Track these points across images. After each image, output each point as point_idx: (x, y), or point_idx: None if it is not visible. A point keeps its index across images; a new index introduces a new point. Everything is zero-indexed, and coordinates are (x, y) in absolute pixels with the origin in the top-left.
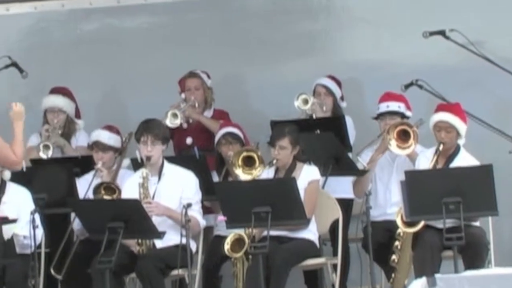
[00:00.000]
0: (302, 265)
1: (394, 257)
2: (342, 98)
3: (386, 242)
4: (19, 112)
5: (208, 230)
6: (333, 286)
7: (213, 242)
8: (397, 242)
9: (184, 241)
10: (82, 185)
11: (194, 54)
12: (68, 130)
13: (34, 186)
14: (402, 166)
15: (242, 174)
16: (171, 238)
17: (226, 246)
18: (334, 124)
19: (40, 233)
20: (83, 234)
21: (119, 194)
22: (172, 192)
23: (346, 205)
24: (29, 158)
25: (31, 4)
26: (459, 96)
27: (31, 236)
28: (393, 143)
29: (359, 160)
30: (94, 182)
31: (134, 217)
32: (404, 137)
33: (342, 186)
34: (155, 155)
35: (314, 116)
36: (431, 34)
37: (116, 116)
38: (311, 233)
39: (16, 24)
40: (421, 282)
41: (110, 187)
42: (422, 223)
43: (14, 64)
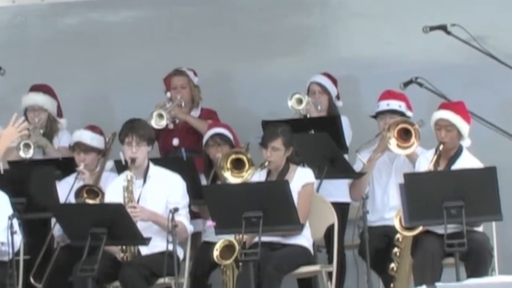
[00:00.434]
0: (295, 273)
1: (392, 265)
2: (337, 97)
3: (384, 248)
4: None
5: (196, 236)
6: None
7: (201, 249)
8: (395, 249)
9: (170, 247)
10: (63, 188)
11: (180, 50)
12: (50, 129)
13: (12, 190)
14: (401, 168)
15: (231, 178)
16: (157, 245)
17: (215, 253)
18: (330, 124)
19: (18, 239)
20: (64, 241)
21: (102, 197)
22: (158, 196)
23: (341, 209)
24: (7, 160)
25: None
26: (461, 94)
27: (9, 242)
28: (393, 142)
29: (358, 157)
30: (76, 185)
31: (118, 222)
32: (405, 136)
33: (338, 190)
34: (140, 157)
35: (308, 115)
36: (432, 29)
37: (100, 115)
38: (305, 239)
39: None
40: None
41: (93, 190)
42: (420, 227)
43: None
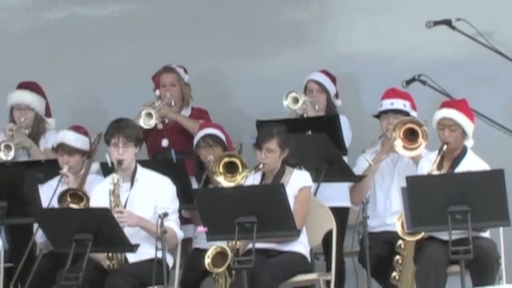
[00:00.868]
0: (291, 281)
1: (394, 273)
2: (336, 96)
3: (386, 256)
4: None
5: (186, 242)
6: None
7: (192, 256)
8: (397, 256)
9: (159, 255)
10: (46, 192)
11: (170, 46)
12: (37, 129)
13: None
14: (405, 171)
15: (224, 182)
16: (145, 252)
17: (207, 260)
18: (328, 124)
19: None
20: (47, 247)
21: (87, 202)
22: (146, 200)
23: (340, 214)
24: None
25: None
26: (467, 93)
27: None
28: (398, 143)
29: (365, 157)
30: (60, 189)
31: (104, 228)
32: (411, 137)
33: (336, 194)
34: (127, 159)
35: (305, 115)
36: (436, 24)
37: (91, 114)
38: (302, 245)
39: None
40: None
41: (77, 195)
42: (423, 232)
43: None
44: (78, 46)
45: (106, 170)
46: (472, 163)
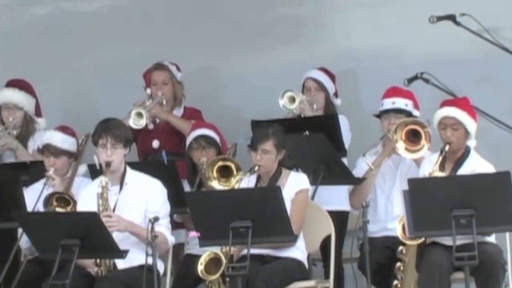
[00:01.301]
0: None
1: (396, 282)
2: (335, 94)
3: (387, 262)
4: None
5: (178, 248)
6: None
7: (184, 262)
8: (399, 263)
9: (150, 261)
10: (31, 195)
11: (162, 43)
12: (25, 130)
13: None
14: (407, 174)
15: (219, 187)
16: (135, 258)
17: (200, 267)
18: (326, 124)
19: None
20: (32, 253)
21: (74, 206)
22: (136, 204)
23: (339, 218)
24: None
25: None
26: (471, 91)
27: None
28: (400, 145)
29: (365, 161)
30: (45, 192)
31: (92, 233)
32: (413, 138)
33: (335, 197)
34: (116, 161)
35: (302, 115)
36: (439, 19)
37: (82, 114)
38: (299, 251)
39: None
40: None
41: (64, 198)
42: None
43: None
44: (64, 43)
45: (94, 172)
46: (475, 164)
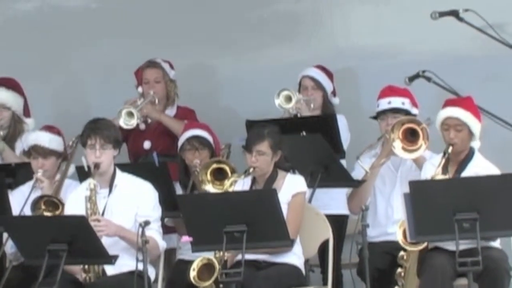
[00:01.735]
0: None
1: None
2: (333, 93)
3: (387, 268)
4: None
5: (169, 253)
6: None
7: (176, 268)
8: (400, 269)
9: (140, 267)
10: (17, 198)
11: (154, 39)
12: (13, 131)
13: None
14: (407, 176)
15: (213, 191)
16: (125, 264)
17: (192, 273)
18: (324, 124)
19: None
20: (18, 259)
21: (63, 210)
22: (125, 207)
23: (338, 222)
24: None
25: None
26: (475, 90)
27: None
28: (397, 145)
29: (359, 164)
30: (33, 195)
31: (80, 237)
32: (411, 137)
33: (333, 200)
34: (105, 162)
35: (299, 115)
36: (442, 15)
37: (72, 114)
38: (296, 257)
39: None
40: None
41: (52, 202)
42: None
43: None
44: (53, 39)
45: (82, 174)
46: (480, 166)
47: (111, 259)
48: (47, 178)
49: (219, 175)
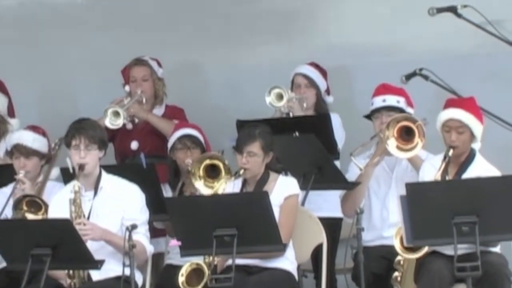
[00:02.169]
0: None
1: None
2: (327, 91)
3: (383, 273)
4: None
5: (157, 257)
6: None
7: (164, 273)
8: (396, 273)
9: (127, 272)
10: None
11: (142, 36)
12: None
13: None
14: (403, 177)
15: (204, 188)
16: (111, 268)
17: (181, 278)
18: (317, 124)
19: None
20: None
21: (46, 211)
22: (111, 210)
23: (332, 226)
24: None
25: None
26: (474, 89)
27: None
28: (392, 143)
29: (354, 161)
30: (14, 197)
31: (64, 242)
32: (406, 136)
33: (327, 203)
34: (90, 163)
35: (291, 114)
36: (439, 11)
37: (59, 114)
38: (288, 261)
39: None
40: None
41: (35, 202)
42: (426, 247)
43: None
44: (38, 36)
45: (67, 176)
46: (481, 169)
47: (97, 264)
48: (29, 180)
49: (212, 173)
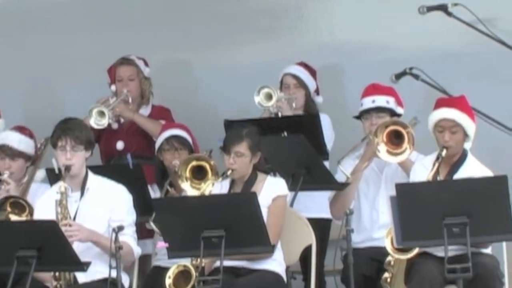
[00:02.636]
0: None
1: None
2: (316, 91)
3: (373, 275)
4: None
5: (144, 259)
6: None
7: (151, 275)
8: (386, 275)
9: (114, 274)
10: None
11: (129, 35)
12: None
13: None
14: (393, 178)
15: (190, 189)
16: (98, 270)
17: (168, 281)
18: (306, 124)
19: None
20: None
21: (30, 212)
22: (98, 211)
23: (321, 227)
24: None
25: None
26: (465, 88)
27: None
28: (382, 148)
29: (340, 169)
30: None
31: (50, 243)
32: (396, 140)
33: (316, 204)
34: (76, 164)
35: (280, 114)
36: (430, 9)
37: (45, 115)
38: (276, 263)
39: None
40: None
41: (19, 204)
42: (417, 249)
43: None
44: (22, 35)
45: (53, 177)
46: (473, 169)
47: (83, 266)
48: (14, 181)
49: (199, 174)
